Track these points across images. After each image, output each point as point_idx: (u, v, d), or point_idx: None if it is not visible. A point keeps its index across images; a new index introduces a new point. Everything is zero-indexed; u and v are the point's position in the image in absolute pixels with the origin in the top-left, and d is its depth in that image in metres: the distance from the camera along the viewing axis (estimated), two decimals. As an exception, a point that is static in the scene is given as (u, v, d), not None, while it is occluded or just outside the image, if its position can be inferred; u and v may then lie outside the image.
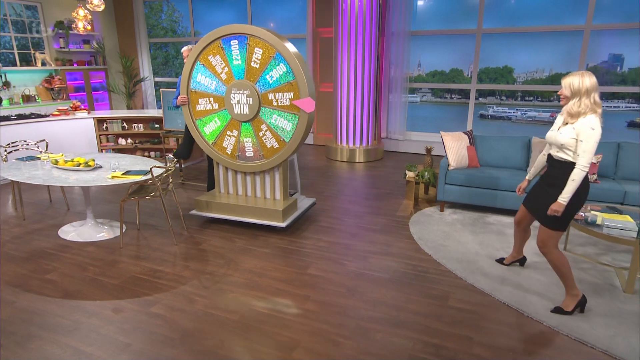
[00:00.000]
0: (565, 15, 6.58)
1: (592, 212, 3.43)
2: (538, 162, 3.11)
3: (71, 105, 6.93)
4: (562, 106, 2.73)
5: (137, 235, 4.14)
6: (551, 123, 7.23)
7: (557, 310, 2.85)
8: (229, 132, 4.16)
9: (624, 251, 3.74)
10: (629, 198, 3.97)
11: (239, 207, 4.19)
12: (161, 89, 5.59)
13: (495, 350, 2.47)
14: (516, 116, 7.49)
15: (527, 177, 3.20)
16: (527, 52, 6.95)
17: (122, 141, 6.81)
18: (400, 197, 5.28)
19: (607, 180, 4.28)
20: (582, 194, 2.68)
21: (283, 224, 4.05)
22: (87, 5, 6.94)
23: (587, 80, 2.55)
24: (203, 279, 3.29)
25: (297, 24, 8.51)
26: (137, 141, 6.86)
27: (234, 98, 3.97)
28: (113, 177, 3.63)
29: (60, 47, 8.67)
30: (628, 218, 3.24)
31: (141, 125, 6.79)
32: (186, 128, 4.87)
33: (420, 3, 7.69)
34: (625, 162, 4.37)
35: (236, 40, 3.84)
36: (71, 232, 4.10)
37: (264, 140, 4.05)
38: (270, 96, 3.88)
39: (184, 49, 4.65)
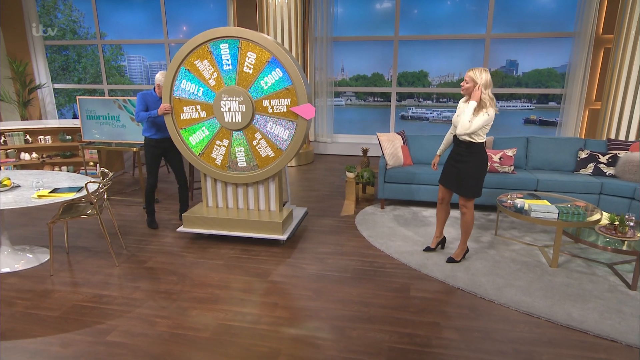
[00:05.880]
0: (470, 25, 7.35)
1: (518, 199, 3.89)
2: (446, 140, 3.66)
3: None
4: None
5: (68, 259, 3.71)
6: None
7: (450, 260, 3.57)
8: (218, 142, 3.90)
9: (541, 231, 4.29)
10: (541, 185, 4.56)
11: (232, 221, 3.94)
12: (78, 97, 5.06)
13: (461, 331, 2.68)
14: (433, 116, 8.17)
15: (437, 153, 3.76)
16: (439, 57, 7.63)
17: (25, 156, 6.02)
18: (339, 198, 5.43)
19: (521, 171, 4.88)
20: (484, 167, 3.32)
21: (283, 237, 3.86)
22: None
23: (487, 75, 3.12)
24: (159, 299, 3.06)
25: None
26: (44, 155, 6.12)
27: (225, 105, 3.72)
28: (40, 196, 3.21)
29: None
30: (547, 202, 3.73)
31: (49, 137, 6.07)
32: (147, 159, 4.30)
33: (340, 10, 7.98)
34: (533, 154, 5.02)
35: (226, 44, 3.61)
36: (-18, 264, 3.53)
37: (259, 150, 3.85)
38: (265, 103, 3.70)
39: (159, 78, 4.03)
